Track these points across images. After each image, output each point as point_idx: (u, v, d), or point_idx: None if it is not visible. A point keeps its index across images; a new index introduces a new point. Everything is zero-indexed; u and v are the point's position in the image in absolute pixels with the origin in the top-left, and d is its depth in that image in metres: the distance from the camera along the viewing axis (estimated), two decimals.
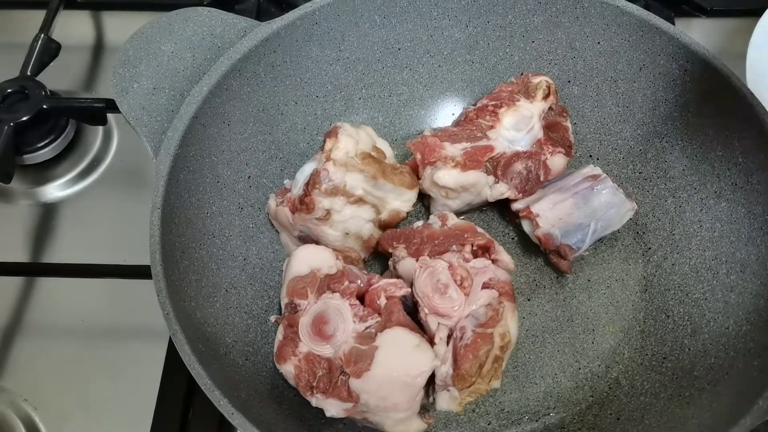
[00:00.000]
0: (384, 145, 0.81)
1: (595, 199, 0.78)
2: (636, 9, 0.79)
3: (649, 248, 0.81)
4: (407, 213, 0.80)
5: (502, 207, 0.84)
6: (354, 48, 0.85)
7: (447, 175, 0.77)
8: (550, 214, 0.78)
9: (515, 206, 0.80)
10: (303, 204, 0.74)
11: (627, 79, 0.83)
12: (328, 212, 0.74)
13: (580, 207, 0.78)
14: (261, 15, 1.07)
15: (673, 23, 1.04)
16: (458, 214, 0.81)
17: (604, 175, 0.80)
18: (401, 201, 0.79)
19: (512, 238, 0.84)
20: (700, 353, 0.71)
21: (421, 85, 0.89)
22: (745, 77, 0.88)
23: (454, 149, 0.79)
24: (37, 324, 0.83)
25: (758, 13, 0.93)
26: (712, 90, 0.76)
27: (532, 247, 0.81)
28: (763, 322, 0.68)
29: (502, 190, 0.79)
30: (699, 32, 1.05)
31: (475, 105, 0.85)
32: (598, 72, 0.84)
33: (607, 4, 0.80)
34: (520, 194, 0.80)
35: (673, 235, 0.80)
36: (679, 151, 0.81)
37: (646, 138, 0.83)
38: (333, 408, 0.65)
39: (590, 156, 0.87)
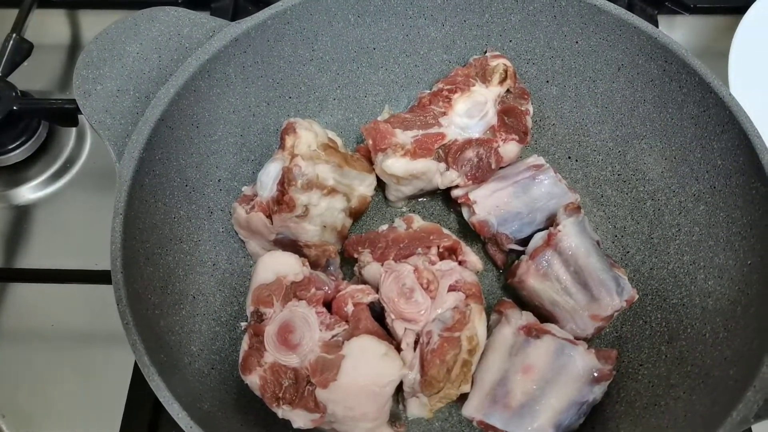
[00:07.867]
0: (333, 135, 0.80)
1: (535, 189, 0.76)
2: (614, 8, 0.77)
3: (627, 252, 0.80)
4: (371, 197, 0.80)
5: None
6: (328, 48, 0.83)
7: (396, 164, 0.77)
8: (487, 201, 0.76)
9: (455, 193, 0.79)
10: (282, 203, 0.73)
11: (605, 79, 0.81)
12: (306, 207, 0.73)
13: (519, 196, 0.76)
14: (238, 13, 1.05)
15: (656, 21, 1.03)
16: (414, 197, 0.82)
17: (548, 165, 0.78)
18: (365, 186, 0.79)
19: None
20: (677, 360, 0.70)
21: (397, 86, 0.88)
22: (728, 75, 0.86)
23: (404, 136, 0.78)
24: (7, 329, 0.82)
25: (742, 11, 0.91)
26: (690, 91, 0.74)
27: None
28: (740, 330, 0.66)
29: (452, 178, 0.78)
30: (682, 30, 1.03)
31: (430, 89, 0.83)
32: (577, 72, 0.83)
33: (585, 3, 0.78)
34: (471, 181, 0.78)
35: (652, 238, 0.78)
36: (657, 153, 0.79)
37: (624, 139, 0.82)
38: (300, 419, 0.64)
39: (569, 157, 0.85)
